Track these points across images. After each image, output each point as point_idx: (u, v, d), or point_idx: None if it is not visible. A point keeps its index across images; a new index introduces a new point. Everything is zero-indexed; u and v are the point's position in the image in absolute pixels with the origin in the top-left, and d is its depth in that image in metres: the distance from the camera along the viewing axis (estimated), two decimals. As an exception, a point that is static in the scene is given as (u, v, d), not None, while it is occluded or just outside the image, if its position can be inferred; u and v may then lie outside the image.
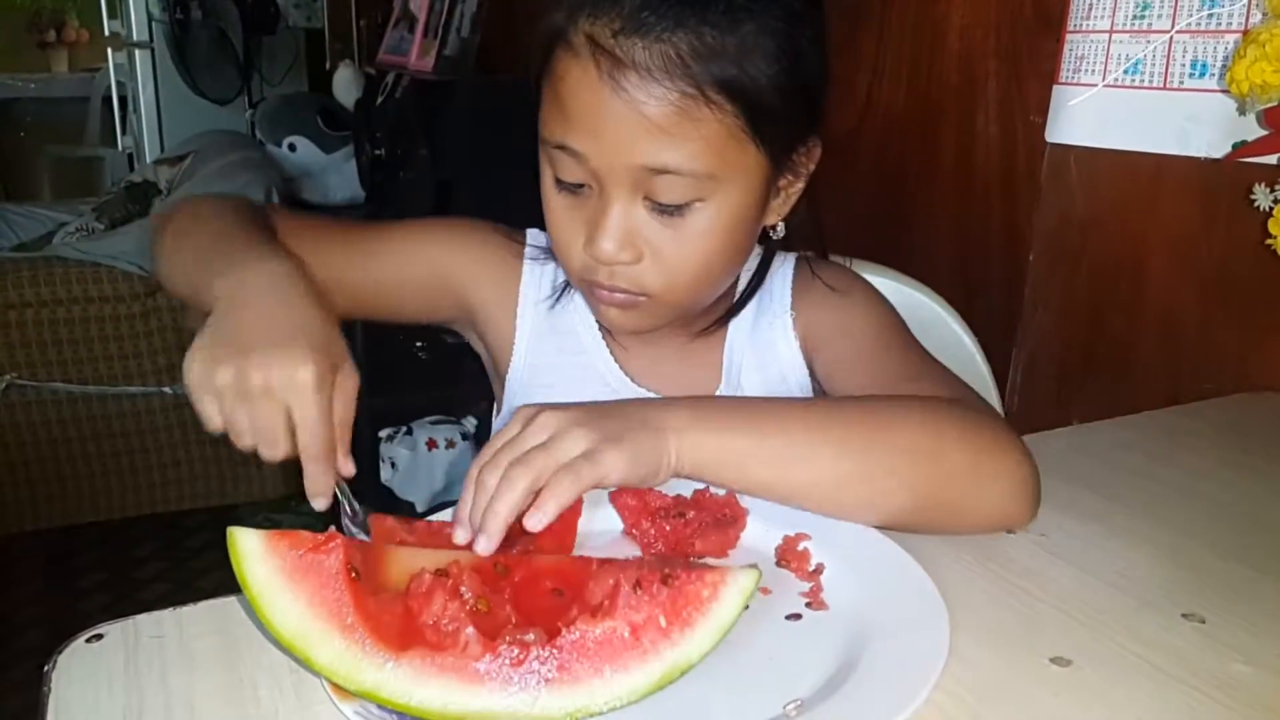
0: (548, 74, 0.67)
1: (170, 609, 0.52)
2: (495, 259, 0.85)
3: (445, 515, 0.60)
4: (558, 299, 0.83)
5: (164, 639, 0.49)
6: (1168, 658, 0.49)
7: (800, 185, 0.74)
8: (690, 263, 0.69)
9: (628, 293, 0.70)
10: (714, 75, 0.63)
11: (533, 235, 0.86)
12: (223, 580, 0.43)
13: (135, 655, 0.48)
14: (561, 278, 0.83)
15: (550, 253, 0.81)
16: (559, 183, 0.69)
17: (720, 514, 0.61)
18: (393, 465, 2.35)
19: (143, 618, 0.51)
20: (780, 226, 0.75)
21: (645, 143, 0.63)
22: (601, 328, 0.82)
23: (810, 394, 0.82)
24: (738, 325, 0.82)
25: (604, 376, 0.81)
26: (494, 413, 0.91)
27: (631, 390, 0.81)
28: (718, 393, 0.82)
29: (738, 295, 0.82)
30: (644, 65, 0.62)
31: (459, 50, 2.30)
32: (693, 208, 0.67)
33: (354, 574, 0.44)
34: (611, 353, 0.82)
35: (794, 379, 0.81)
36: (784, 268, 0.84)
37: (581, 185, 0.68)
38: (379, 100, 2.48)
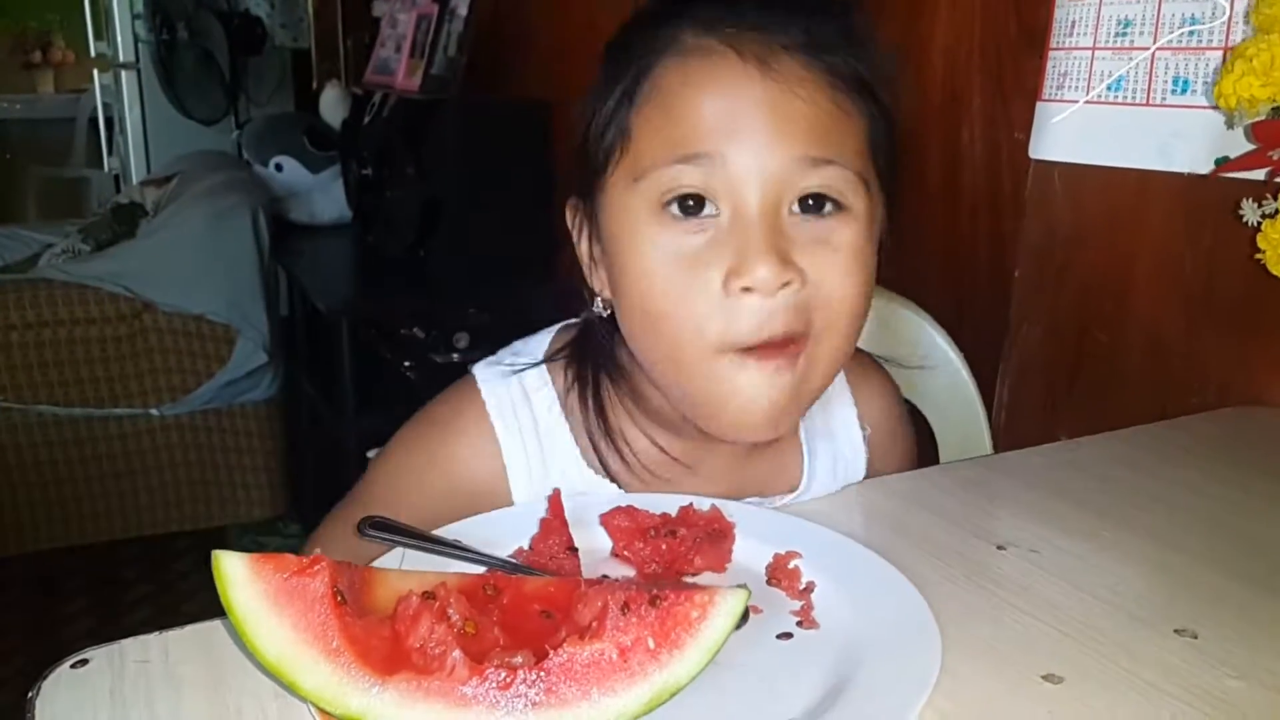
0: (650, 91, 0.59)
1: (156, 633, 0.51)
2: (462, 471, 0.70)
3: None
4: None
5: (150, 664, 0.49)
6: (1160, 673, 0.49)
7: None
8: (851, 280, 0.59)
9: (786, 344, 0.58)
10: (856, 71, 0.59)
11: (485, 382, 0.71)
12: (209, 603, 0.43)
13: (121, 681, 0.47)
14: (544, 415, 0.69)
15: (518, 381, 0.70)
16: (669, 216, 0.58)
17: (710, 529, 0.61)
18: (381, 485, 2.34)
19: (128, 642, 0.50)
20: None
21: (805, 131, 0.56)
22: (603, 468, 0.69)
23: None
24: (812, 455, 0.73)
25: None
26: None
27: None
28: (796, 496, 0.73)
29: None
30: (796, 48, 0.57)
31: (446, 70, 2.31)
32: (843, 216, 0.58)
33: (340, 597, 0.44)
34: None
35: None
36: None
37: (703, 206, 0.57)
38: (366, 120, 2.48)
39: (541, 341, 0.74)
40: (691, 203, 0.57)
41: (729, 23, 0.58)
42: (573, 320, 0.73)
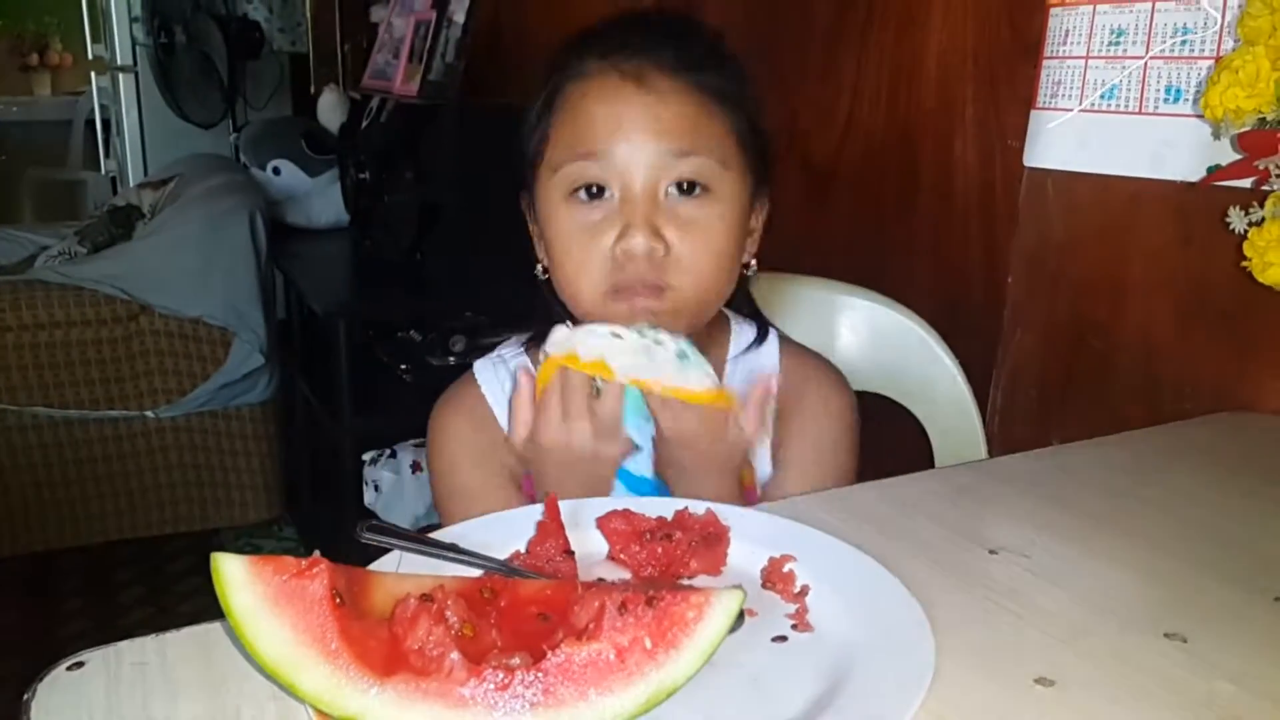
0: (559, 106, 0.77)
1: (152, 635, 0.51)
2: (477, 433, 0.87)
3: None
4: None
5: (146, 666, 0.49)
6: (1151, 677, 0.50)
7: (758, 236, 0.83)
8: (707, 252, 0.75)
9: (654, 288, 0.75)
10: (718, 85, 0.76)
11: (478, 369, 0.91)
12: (205, 605, 0.43)
13: (117, 683, 0.48)
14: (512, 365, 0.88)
15: (500, 360, 0.89)
16: (576, 200, 0.76)
17: (705, 532, 0.61)
18: (376, 488, 2.34)
19: (124, 644, 0.51)
20: (753, 264, 0.83)
21: (671, 130, 0.73)
22: None
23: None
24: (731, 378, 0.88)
25: None
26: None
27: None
28: None
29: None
30: (666, 67, 0.74)
31: (444, 75, 2.31)
32: (707, 196, 0.75)
33: (338, 599, 0.44)
34: None
35: (760, 461, 0.86)
36: (770, 344, 0.90)
37: (602, 193, 0.75)
38: (364, 124, 2.49)
39: (523, 337, 0.93)
40: (594, 189, 0.75)
41: (618, 52, 0.75)
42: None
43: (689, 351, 0.70)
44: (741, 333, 0.90)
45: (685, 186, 0.74)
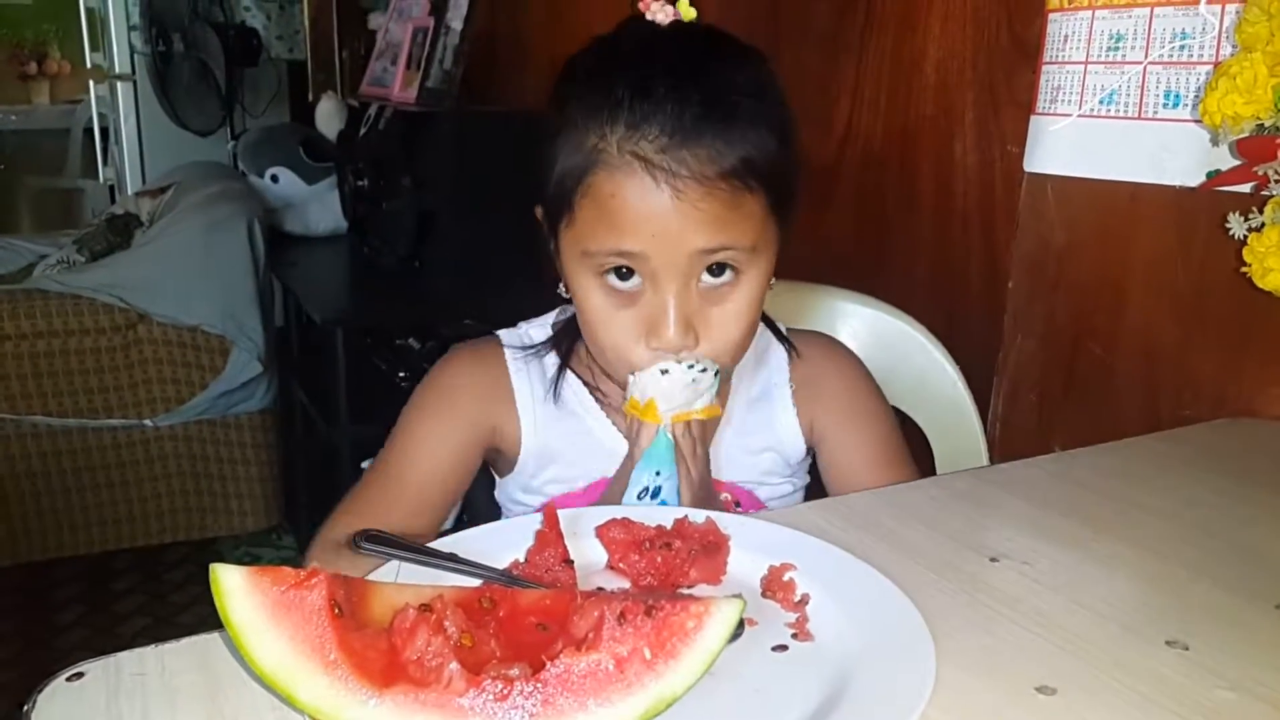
0: (589, 192, 0.73)
1: (152, 646, 0.51)
2: (482, 397, 0.88)
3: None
4: (555, 391, 0.88)
5: (145, 676, 0.49)
6: (1152, 685, 0.49)
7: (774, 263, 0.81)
8: (738, 331, 0.76)
9: None
10: (749, 164, 0.72)
11: (506, 337, 0.91)
12: (204, 615, 0.43)
13: (116, 694, 0.47)
14: (551, 370, 0.88)
15: (532, 349, 0.89)
16: (609, 288, 0.75)
17: (705, 541, 0.61)
18: (376, 496, 2.34)
19: (124, 655, 0.50)
20: (771, 281, 0.81)
21: (704, 232, 0.72)
22: (600, 402, 0.87)
23: (797, 464, 0.91)
24: (734, 407, 0.89)
25: (609, 449, 0.85)
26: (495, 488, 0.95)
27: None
28: (720, 440, 0.88)
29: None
30: (696, 172, 0.70)
31: (442, 82, 2.31)
32: (737, 277, 0.75)
33: (337, 610, 0.44)
34: (614, 424, 0.86)
35: (790, 448, 0.90)
36: (780, 345, 0.91)
37: (633, 275, 0.74)
38: (362, 131, 2.49)
39: (546, 317, 0.93)
40: (624, 271, 0.74)
41: (645, 138, 0.71)
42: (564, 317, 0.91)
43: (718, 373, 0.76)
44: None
45: (715, 269, 0.74)
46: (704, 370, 0.74)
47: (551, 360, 0.89)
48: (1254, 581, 0.60)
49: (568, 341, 0.89)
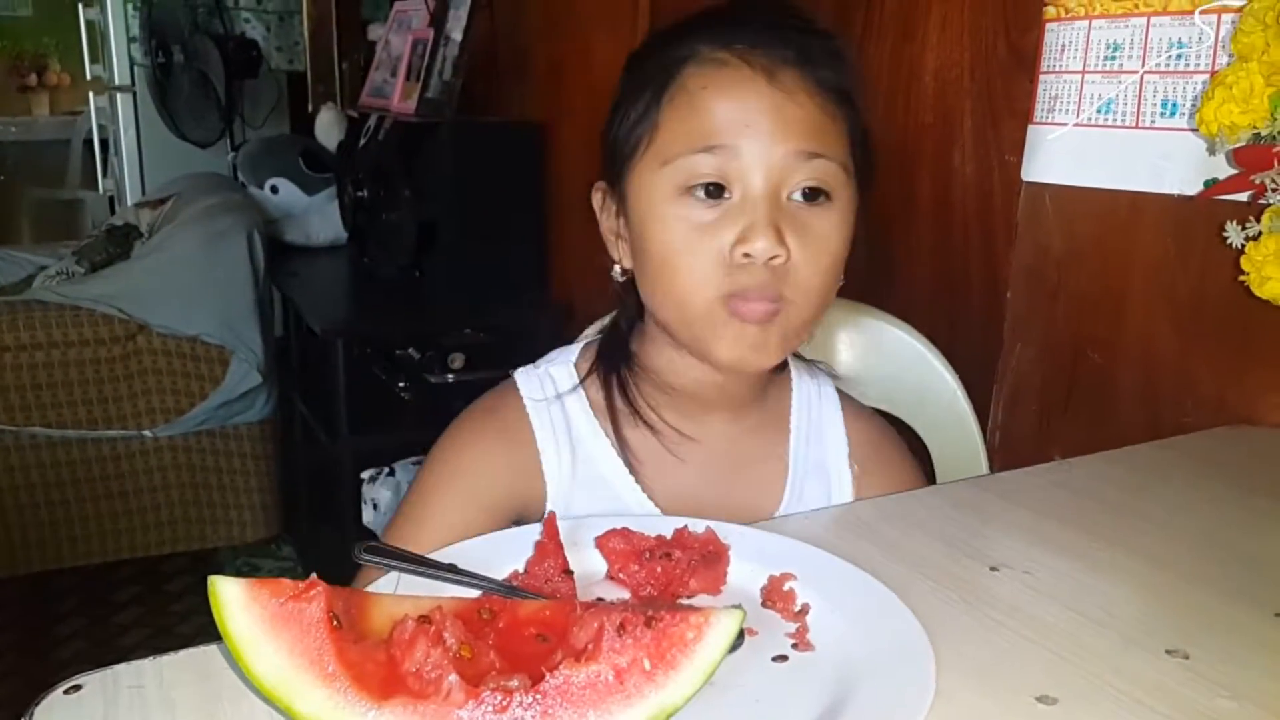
0: (675, 94, 0.71)
1: (150, 658, 0.51)
2: (502, 472, 0.80)
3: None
4: (581, 447, 0.80)
5: (144, 689, 0.49)
6: (1153, 694, 0.49)
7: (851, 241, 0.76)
8: (823, 266, 0.71)
9: (773, 299, 0.70)
10: (839, 85, 0.71)
11: (524, 384, 0.83)
12: (203, 625, 0.43)
13: (115, 707, 0.47)
14: (576, 419, 0.80)
15: (554, 398, 0.81)
16: (691, 196, 0.70)
17: (705, 551, 0.61)
18: (375, 506, 2.34)
19: (122, 667, 0.50)
20: (841, 277, 0.76)
21: (801, 130, 0.69)
22: (630, 466, 0.79)
23: None
24: (797, 465, 0.83)
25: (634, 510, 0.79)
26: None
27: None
28: (782, 508, 0.82)
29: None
30: (793, 63, 0.69)
31: (441, 93, 2.32)
32: (829, 204, 0.71)
33: (336, 622, 0.44)
34: (643, 490, 0.79)
35: None
36: (828, 401, 0.87)
37: (720, 191, 0.70)
38: (361, 142, 2.50)
39: (571, 350, 0.87)
40: (713, 188, 0.70)
41: (738, 40, 0.70)
42: (596, 337, 0.87)
43: None
44: (802, 382, 0.86)
45: (808, 192, 0.70)
46: None
47: (576, 407, 0.81)
48: (1254, 589, 0.60)
49: (600, 369, 0.83)
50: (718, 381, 0.78)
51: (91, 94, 4.72)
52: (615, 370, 0.82)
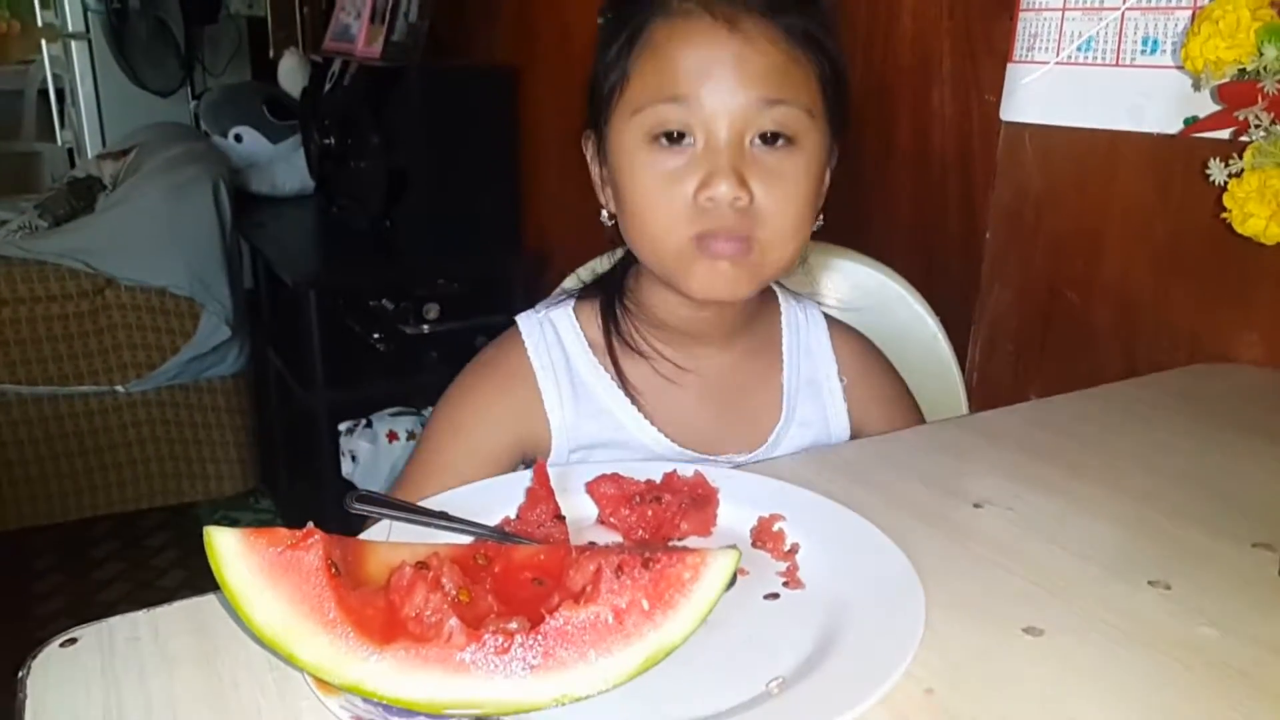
0: (643, 45, 0.73)
1: (145, 610, 0.51)
2: (505, 407, 0.83)
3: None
4: (582, 381, 0.83)
5: (140, 641, 0.49)
6: (1135, 624, 0.51)
7: (827, 183, 0.80)
8: (791, 206, 0.73)
9: (740, 237, 0.73)
10: (806, 27, 0.73)
11: (526, 329, 0.85)
12: (185, 579, 0.43)
13: (112, 658, 0.47)
14: (577, 359, 0.83)
15: (554, 341, 0.84)
16: (657, 144, 0.73)
17: (694, 494, 0.62)
18: (353, 459, 2.33)
19: (116, 620, 0.50)
20: (820, 218, 0.79)
21: (762, 78, 0.71)
22: (631, 400, 0.82)
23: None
24: (791, 390, 0.87)
25: (643, 444, 0.82)
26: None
27: (673, 451, 0.82)
28: (775, 433, 0.85)
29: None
30: (756, 11, 0.71)
31: (408, 36, 2.27)
32: (792, 147, 0.73)
33: (334, 569, 0.44)
34: (645, 418, 0.82)
35: (837, 435, 0.88)
36: (815, 324, 0.90)
37: (684, 138, 0.72)
38: (326, 88, 2.45)
39: (571, 294, 0.90)
40: (675, 134, 0.72)
41: None
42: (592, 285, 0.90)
43: None
44: (790, 309, 0.90)
45: (770, 137, 0.72)
46: None
47: (576, 347, 0.84)
48: (1231, 521, 0.62)
49: (597, 305, 0.86)
50: (706, 315, 0.81)
51: (44, 42, 4.59)
52: (611, 308, 0.85)
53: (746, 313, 0.84)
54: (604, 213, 0.81)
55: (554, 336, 0.85)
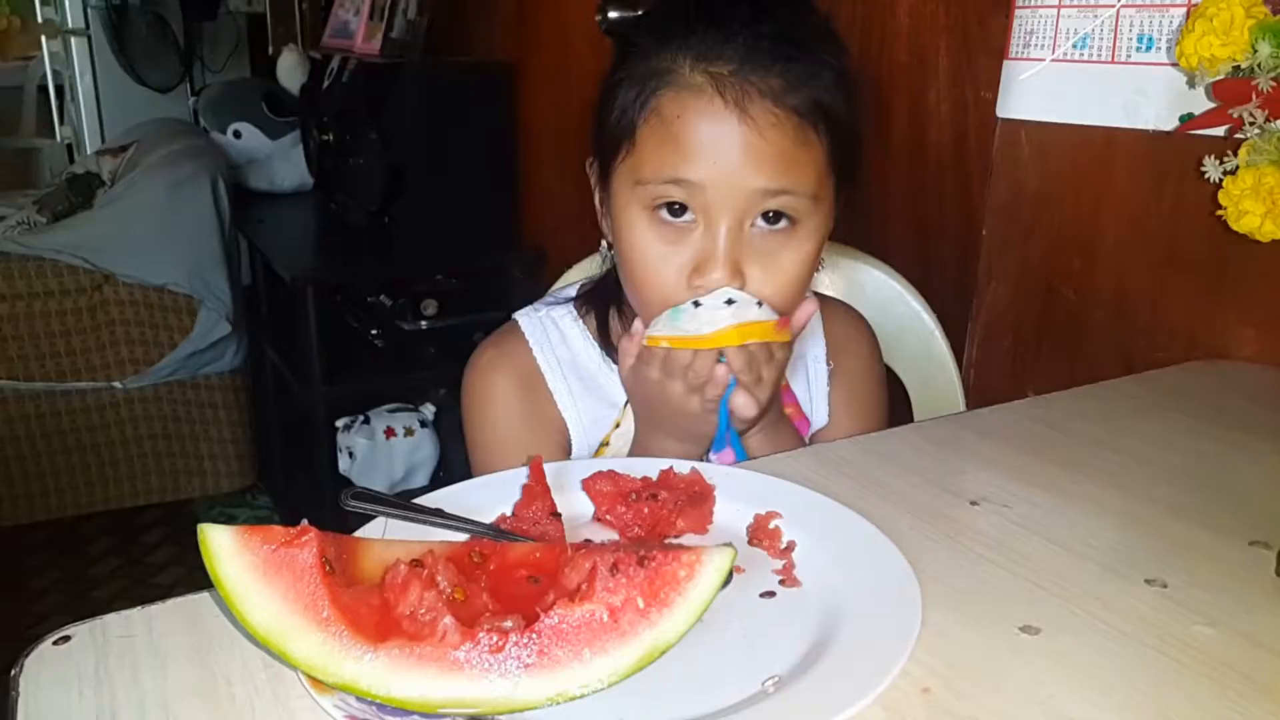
0: (653, 114, 0.72)
1: (139, 608, 0.51)
2: (526, 409, 0.85)
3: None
4: (589, 376, 0.85)
5: (134, 638, 0.49)
6: (1132, 622, 0.50)
7: (827, 238, 0.79)
8: (785, 286, 0.73)
9: None
10: (817, 106, 0.71)
11: (526, 328, 0.87)
12: (182, 576, 0.43)
13: (105, 656, 0.47)
14: (581, 355, 0.85)
15: (559, 341, 0.86)
16: (657, 216, 0.73)
17: (691, 491, 0.62)
18: (350, 455, 2.34)
19: (110, 617, 0.50)
20: (823, 260, 0.79)
21: (768, 167, 0.70)
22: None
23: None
24: None
25: None
26: None
27: None
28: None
29: None
30: (768, 94, 0.69)
31: (406, 33, 2.27)
32: (793, 228, 0.73)
33: (328, 567, 0.44)
34: None
35: (817, 423, 0.90)
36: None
37: (685, 213, 0.72)
38: (325, 84, 2.45)
39: (569, 292, 0.90)
40: (677, 208, 0.72)
41: (719, 61, 0.70)
42: (590, 280, 0.90)
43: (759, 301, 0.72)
44: None
45: (772, 217, 0.72)
46: (735, 300, 0.70)
47: (579, 342, 0.86)
48: (1228, 519, 0.62)
49: (595, 306, 0.87)
50: None
51: (44, 38, 4.58)
52: (606, 311, 0.86)
53: None
54: (603, 244, 0.82)
55: (558, 336, 0.86)
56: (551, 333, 0.86)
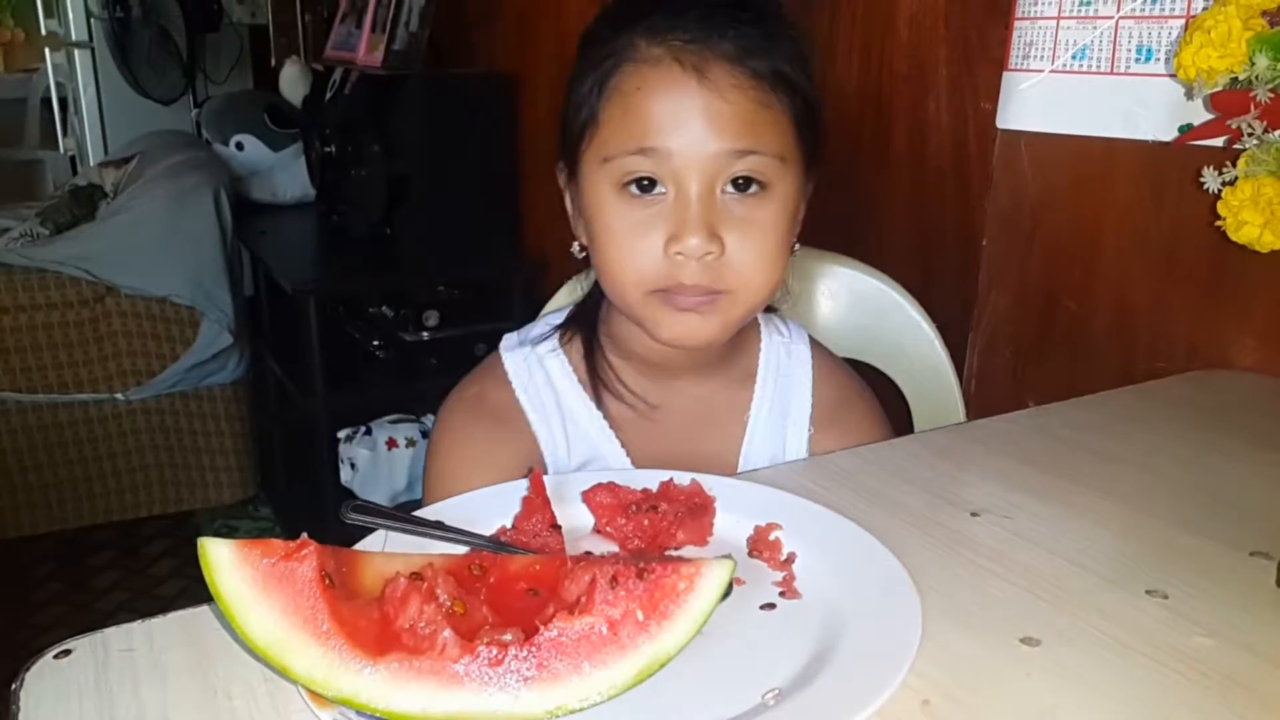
0: (613, 91, 0.72)
1: (140, 621, 0.51)
2: (501, 449, 0.83)
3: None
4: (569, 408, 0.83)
5: (134, 652, 0.49)
6: (1133, 634, 0.50)
7: (802, 216, 0.79)
8: (763, 253, 0.73)
9: (708, 291, 0.73)
10: (777, 73, 0.72)
11: (509, 363, 0.85)
12: (183, 587, 0.43)
13: (105, 670, 0.47)
14: (561, 383, 0.84)
15: (544, 383, 0.84)
16: (627, 193, 0.72)
17: (691, 503, 0.62)
18: (352, 466, 2.33)
19: (111, 631, 0.50)
20: (796, 246, 0.79)
21: (731, 128, 0.70)
22: (611, 428, 0.83)
23: None
24: (755, 420, 0.85)
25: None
26: None
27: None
28: (740, 465, 0.85)
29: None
30: (726, 57, 0.70)
31: (408, 44, 2.28)
32: (764, 193, 0.72)
33: (328, 580, 0.44)
34: (625, 451, 0.83)
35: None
36: (799, 361, 0.88)
37: (654, 187, 0.72)
38: (328, 96, 2.46)
39: (557, 318, 0.89)
40: (645, 183, 0.72)
41: (674, 33, 0.71)
42: (572, 318, 0.89)
43: None
44: (771, 336, 0.88)
45: (742, 183, 0.72)
46: None
47: (561, 378, 0.85)
48: (1229, 529, 0.61)
49: (578, 335, 0.86)
50: (678, 352, 0.80)
51: (48, 50, 4.60)
52: (585, 340, 0.85)
53: (723, 345, 0.82)
54: (575, 245, 0.81)
55: (543, 377, 0.85)
56: (536, 373, 0.85)
